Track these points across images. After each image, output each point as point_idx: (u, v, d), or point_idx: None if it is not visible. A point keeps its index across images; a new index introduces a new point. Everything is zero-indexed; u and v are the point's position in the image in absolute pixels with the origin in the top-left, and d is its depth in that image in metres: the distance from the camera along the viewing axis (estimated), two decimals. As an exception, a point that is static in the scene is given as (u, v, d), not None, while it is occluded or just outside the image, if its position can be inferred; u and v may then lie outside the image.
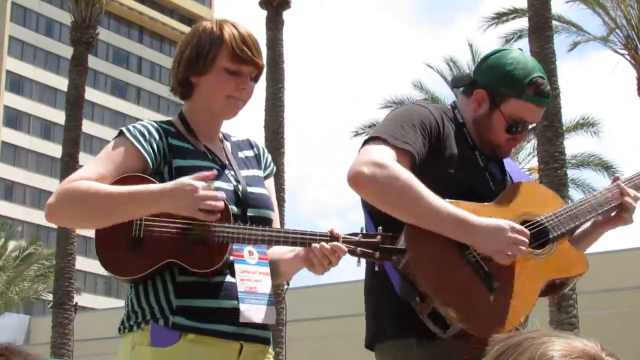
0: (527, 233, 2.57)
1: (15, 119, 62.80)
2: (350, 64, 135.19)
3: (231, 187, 2.58)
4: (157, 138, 2.56)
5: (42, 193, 58.37)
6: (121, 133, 2.57)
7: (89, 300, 52.89)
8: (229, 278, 2.52)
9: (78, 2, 22.31)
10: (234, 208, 2.53)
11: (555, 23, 19.00)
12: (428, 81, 60.51)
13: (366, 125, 24.47)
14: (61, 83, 52.91)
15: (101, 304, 53.37)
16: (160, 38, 72.40)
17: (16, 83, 63.31)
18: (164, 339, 2.43)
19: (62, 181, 2.50)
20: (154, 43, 72.71)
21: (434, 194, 2.51)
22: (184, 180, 2.41)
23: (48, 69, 64.64)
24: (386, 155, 2.55)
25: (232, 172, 2.63)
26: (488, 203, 2.65)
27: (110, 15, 63.80)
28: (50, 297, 27.87)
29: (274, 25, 21.70)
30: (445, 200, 2.53)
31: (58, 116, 48.80)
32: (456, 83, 2.93)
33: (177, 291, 2.47)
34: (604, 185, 2.93)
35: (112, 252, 2.47)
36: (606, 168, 23.96)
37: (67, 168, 19.72)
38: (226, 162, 2.66)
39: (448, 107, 2.87)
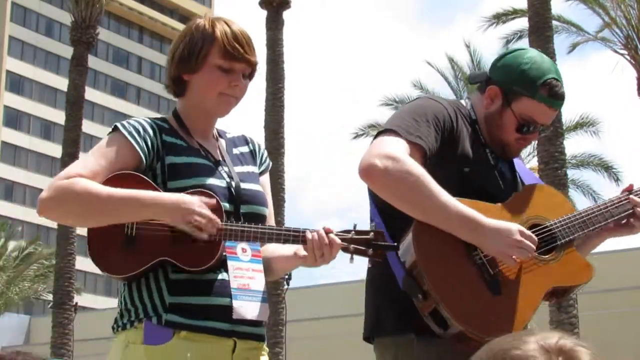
0: (535, 239, 2.54)
1: (15, 119, 62.80)
2: (350, 64, 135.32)
3: (224, 184, 2.57)
4: (152, 134, 2.55)
5: (42, 193, 58.18)
6: (116, 128, 2.56)
7: (89, 300, 52.88)
8: (222, 275, 2.51)
9: (78, 2, 22.32)
10: (227, 205, 2.53)
11: (555, 23, 19.00)
12: (428, 81, 60.49)
13: (366, 125, 24.49)
14: (61, 83, 52.88)
15: (101, 304, 53.35)
16: (160, 38, 72.37)
17: (16, 83, 63.31)
18: (157, 337, 2.43)
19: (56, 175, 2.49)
20: (154, 43, 72.69)
21: (445, 191, 2.49)
22: (185, 197, 2.42)
23: (48, 69, 64.63)
24: (399, 148, 2.52)
25: (226, 169, 2.62)
26: (498, 204, 2.63)
27: (110, 15, 63.80)
28: (50, 297, 27.87)
29: (274, 25, 21.72)
30: (457, 198, 2.51)
31: (58, 116, 48.80)
32: (473, 79, 2.90)
33: (170, 289, 2.47)
34: (604, 185, 2.93)
35: (105, 251, 2.47)
36: (606, 168, 23.94)
37: (67, 168, 19.67)
38: (220, 159, 2.64)
39: (462, 103, 2.85)
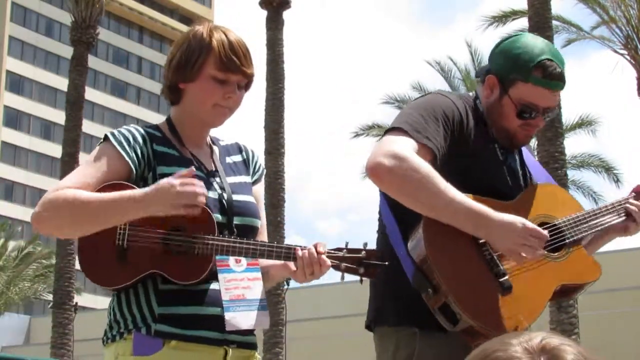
0: (545, 236, 2.54)
1: (15, 119, 62.81)
2: (350, 64, 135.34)
3: (216, 196, 2.55)
4: (142, 144, 2.53)
5: (42, 193, 57.50)
6: (106, 138, 2.54)
7: (89, 300, 52.84)
8: (214, 285, 2.50)
9: (78, 2, 22.33)
10: (219, 216, 2.50)
11: (555, 23, 19.00)
12: (428, 81, 60.52)
13: (366, 125, 24.53)
14: (61, 83, 52.89)
15: (101, 304, 53.29)
16: (160, 38, 72.37)
17: (16, 83, 63.31)
18: (147, 348, 2.41)
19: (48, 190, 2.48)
20: (154, 43, 72.69)
21: (453, 187, 2.48)
22: (162, 181, 2.40)
23: (48, 69, 64.64)
24: (406, 147, 2.50)
25: (218, 180, 2.60)
26: (508, 202, 2.62)
27: (110, 15, 63.79)
28: (50, 297, 27.89)
29: (274, 25, 21.75)
30: (467, 195, 2.50)
31: (58, 116, 48.84)
32: (477, 73, 2.88)
33: (160, 299, 2.45)
34: (604, 185, 2.93)
35: (96, 262, 2.45)
36: (606, 169, 23.96)
37: (67, 168, 19.70)
38: (212, 169, 2.63)
39: (470, 97, 2.82)
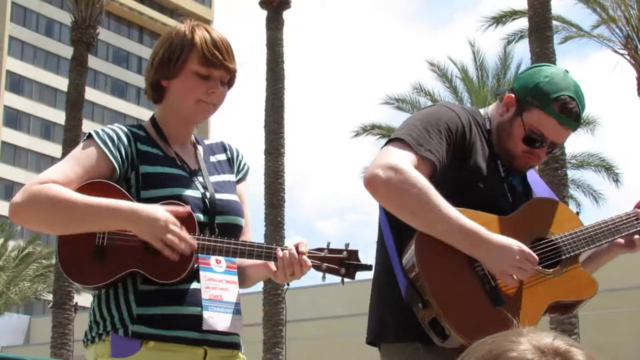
0: (536, 259, 2.52)
1: (15, 119, 62.80)
2: (350, 64, 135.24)
3: (198, 195, 2.53)
4: (126, 143, 2.52)
5: (42, 193, 58.15)
6: (90, 136, 2.53)
7: (89, 300, 52.73)
8: (195, 284, 2.48)
9: (78, 2, 22.30)
10: (200, 216, 2.49)
11: (555, 23, 19.00)
12: (428, 81, 60.52)
13: (366, 124, 24.52)
14: (61, 83, 52.90)
15: (101, 304, 53.33)
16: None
17: (16, 83, 63.30)
18: (124, 349, 2.40)
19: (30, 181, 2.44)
20: (154, 43, 71.77)
21: (448, 204, 2.47)
22: (159, 212, 2.37)
23: (48, 69, 64.63)
24: (405, 159, 2.49)
25: (201, 179, 2.59)
26: (505, 217, 2.60)
27: (110, 15, 63.81)
28: (50, 297, 27.86)
29: (274, 25, 21.74)
30: (462, 209, 2.49)
31: (58, 116, 48.80)
32: (500, 90, 2.88)
33: (138, 299, 2.43)
34: (604, 185, 2.92)
35: (75, 260, 2.43)
36: (606, 168, 23.96)
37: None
38: (195, 168, 2.61)
39: (481, 112, 2.81)
